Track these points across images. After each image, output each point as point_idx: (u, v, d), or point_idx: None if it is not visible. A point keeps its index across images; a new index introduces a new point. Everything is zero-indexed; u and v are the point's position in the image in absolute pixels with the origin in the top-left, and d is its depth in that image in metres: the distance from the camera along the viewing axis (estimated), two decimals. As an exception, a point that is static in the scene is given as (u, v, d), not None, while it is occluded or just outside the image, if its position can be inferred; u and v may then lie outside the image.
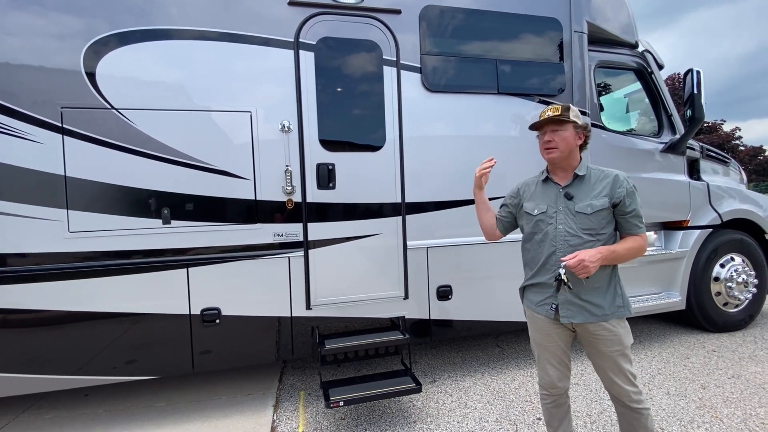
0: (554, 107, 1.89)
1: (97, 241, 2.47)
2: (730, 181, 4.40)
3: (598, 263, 1.72)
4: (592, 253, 1.72)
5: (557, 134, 1.88)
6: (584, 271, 1.70)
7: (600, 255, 1.73)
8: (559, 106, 1.88)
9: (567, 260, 1.72)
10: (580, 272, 1.70)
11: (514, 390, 3.03)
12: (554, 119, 1.87)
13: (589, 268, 1.69)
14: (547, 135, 1.90)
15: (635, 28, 3.86)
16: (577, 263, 1.69)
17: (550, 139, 1.89)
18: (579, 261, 1.69)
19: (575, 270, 1.70)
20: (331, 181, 2.80)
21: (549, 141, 1.89)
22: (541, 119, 1.91)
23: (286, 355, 2.83)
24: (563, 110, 1.86)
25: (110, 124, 2.47)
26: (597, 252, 1.73)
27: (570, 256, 1.73)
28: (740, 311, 4.07)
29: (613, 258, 1.78)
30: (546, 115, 1.89)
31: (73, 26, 2.44)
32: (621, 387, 1.83)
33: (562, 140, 1.87)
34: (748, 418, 2.58)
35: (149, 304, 2.56)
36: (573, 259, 1.70)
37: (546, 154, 1.93)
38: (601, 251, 1.74)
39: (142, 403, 2.96)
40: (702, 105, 3.52)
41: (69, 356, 2.48)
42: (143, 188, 2.51)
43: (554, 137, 1.88)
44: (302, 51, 2.76)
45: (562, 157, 1.89)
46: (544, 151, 1.93)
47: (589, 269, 1.70)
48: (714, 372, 3.21)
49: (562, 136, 1.88)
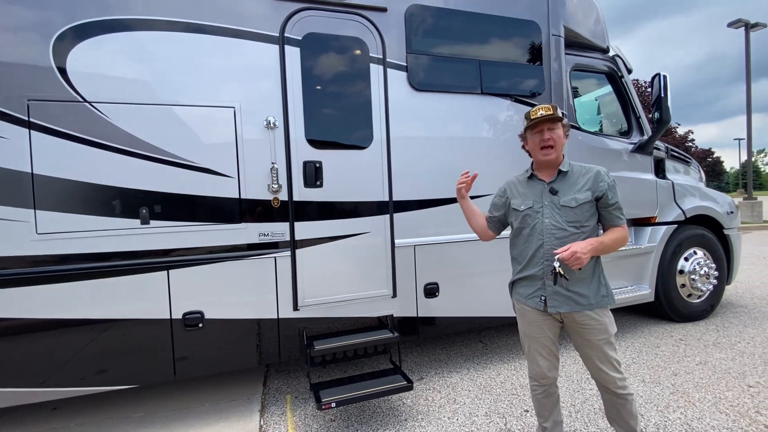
0: (545, 106, 1.93)
1: (69, 243, 2.31)
2: (691, 179, 4.68)
3: (589, 254, 1.79)
4: (583, 245, 1.78)
5: (554, 132, 1.93)
6: (577, 263, 1.75)
7: (591, 246, 1.79)
8: (550, 106, 1.93)
9: (560, 253, 1.77)
10: (574, 264, 1.76)
11: (500, 384, 3.09)
12: (551, 118, 1.90)
13: (582, 259, 1.75)
14: (545, 133, 1.93)
15: (606, 33, 4.05)
16: (570, 255, 1.75)
17: (549, 137, 1.92)
18: (572, 253, 1.75)
19: (569, 262, 1.75)
20: (318, 180, 2.76)
21: (548, 139, 1.92)
22: (535, 118, 1.93)
23: (273, 358, 2.76)
24: (554, 109, 1.92)
25: (83, 119, 2.32)
26: (588, 244, 1.80)
27: (562, 249, 1.78)
28: (703, 302, 4.34)
29: (602, 249, 1.85)
30: (538, 114, 1.92)
31: (41, 13, 2.28)
32: (607, 374, 1.90)
33: (558, 138, 1.93)
34: (718, 401, 2.74)
35: (126, 309, 2.42)
36: (566, 252, 1.76)
37: (543, 154, 1.95)
38: (591, 243, 1.81)
39: (118, 415, 2.79)
40: (668, 108, 3.73)
41: (34, 367, 2.30)
42: (119, 186, 2.37)
43: (552, 135, 1.92)
44: (288, 46, 2.70)
45: (557, 156, 1.95)
46: (540, 150, 1.95)
47: (582, 260, 1.76)
48: (683, 359, 3.40)
49: (558, 135, 1.94)
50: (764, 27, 15.16)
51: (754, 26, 14.98)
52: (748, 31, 15.01)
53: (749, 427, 2.43)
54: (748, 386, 2.92)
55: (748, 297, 5.18)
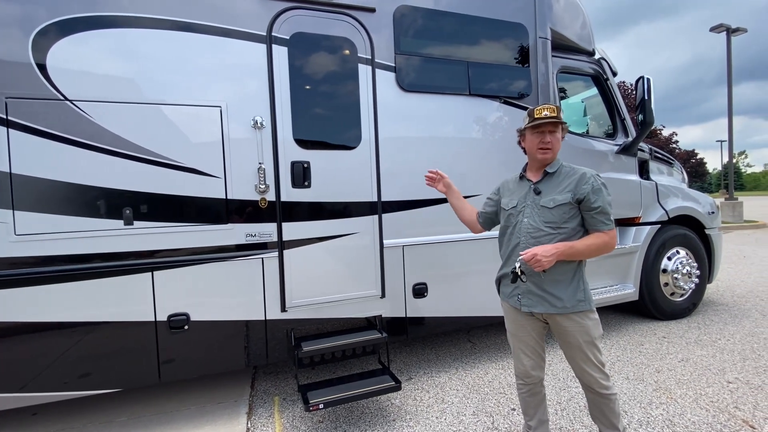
0: (550, 107, 1.91)
1: (49, 245, 2.25)
2: (674, 180, 4.78)
3: (553, 258, 1.78)
4: (546, 248, 1.79)
5: (554, 135, 1.93)
6: (537, 265, 1.77)
7: (556, 250, 1.79)
8: (554, 107, 1.91)
9: (523, 254, 1.81)
10: (534, 265, 1.78)
11: (488, 383, 3.11)
12: (554, 121, 1.90)
13: (542, 261, 1.76)
14: (547, 135, 1.93)
15: (592, 36, 4.11)
16: (530, 257, 1.77)
17: (550, 139, 1.92)
18: (532, 255, 1.77)
19: (530, 263, 1.78)
20: (306, 180, 2.74)
21: (549, 142, 1.92)
22: (539, 118, 1.91)
23: (260, 359, 2.73)
24: (558, 111, 1.90)
25: (63, 117, 2.27)
26: (553, 247, 1.80)
27: (526, 251, 1.81)
28: (685, 300, 4.44)
29: (571, 254, 1.83)
30: (543, 114, 1.90)
31: (20, 7, 2.22)
32: (590, 375, 1.92)
33: (557, 141, 1.94)
34: (699, 397, 2.81)
35: (110, 311, 2.37)
36: (527, 254, 1.79)
37: (540, 154, 1.95)
38: (557, 247, 1.80)
39: (101, 419, 2.74)
40: (652, 110, 3.80)
41: (14, 372, 2.24)
42: (102, 186, 2.33)
43: (552, 139, 1.93)
44: (275, 45, 2.68)
45: (554, 157, 1.97)
46: (538, 150, 1.95)
47: (542, 263, 1.76)
48: (666, 357, 3.47)
49: (557, 138, 1.94)
50: (745, 32, 15.55)
51: (735, 31, 15.37)
52: (729, 36, 15.38)
53: (728, 422, 2.49)
54: (728, 382, 2.99)
55: (728, 295, 5.31)
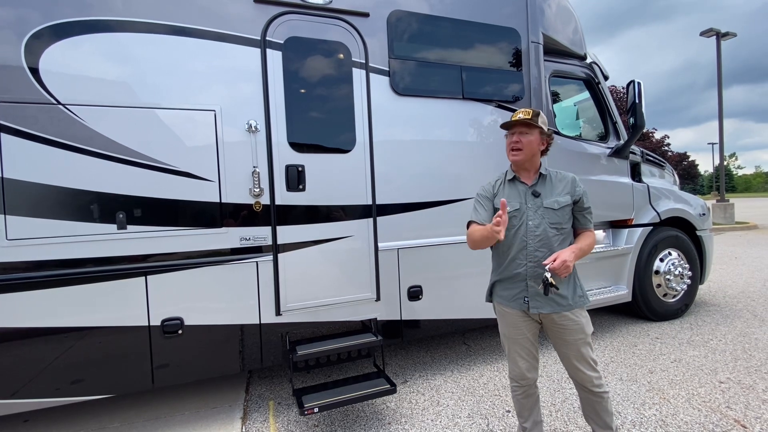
0: (526, 110, 2.00)
1: (42, 249, 2.24)
2: (666, 182, 4.84)
3: (574, 261, 1.86)
4: (569, 253, 1.84)
5: (524, 137, 1.99)
6: (566, 271, 1.82)
7: (574, 254, 1.86)
8: (531, 111, 1.99)
9: (549, 263, 1.81)
10: (563, 272, 1.81)
11: (483, 385, 3.12)
12: (524, 122, 1.97)
13: (570, 267, 1.83)
14: (515, 136, 2.00)
15: (584, 41, 4.17)
16: (560, 264, 1.79)
17: (517, 140, 1.99)
18: (562, 262, 1.80)
19: (559, 271, 1.80)
20: (300, 183, 2.75)
21: (516, 142, 1.99)
22: (512, 119, 2.01)
23: (255, 364, 2.72)
24: (533, 115, 1.97)
25: (56, 121, 2.26)
26: (571, 251, 1.86)
27: (551, 259, 1.82)
28: (677, 301, 4.48)
29: (581, 254, 1.93)
30: (518, 116, 1.99)
31: (13, 11, 2.21)
32: (584, 373, 1.95)
33: (527, 143, 1.98)
34: (691, 397, 2.83)
35: (103, 316, 2.35)
36: (556, 261, 1.80)
37: (511, 155, 2.03)
38: (573, 250, 1.88)
39: (94, 425, 2.71)
40: (643, 113, 3.85)
41: (5, 378, 2.21)
42: (95, 191, 2.32)
43: (521, 139, 1.98)
44: (269, 50, 2.69)
45: (525, 160, 2.01)
46: (510, 152, 2.03)
47: (570, 268, 1.83)
48: (659, 357, 3.50)
49: (528, 140, 1.99)
50: (735, 36, 15.81)
51: (725, 35, 15.61)
52: (719, 40, 15.62)
53: (720, 422, 2.52)
54: (720, 382, 3.02)
55: (720, 296, 5.37)
